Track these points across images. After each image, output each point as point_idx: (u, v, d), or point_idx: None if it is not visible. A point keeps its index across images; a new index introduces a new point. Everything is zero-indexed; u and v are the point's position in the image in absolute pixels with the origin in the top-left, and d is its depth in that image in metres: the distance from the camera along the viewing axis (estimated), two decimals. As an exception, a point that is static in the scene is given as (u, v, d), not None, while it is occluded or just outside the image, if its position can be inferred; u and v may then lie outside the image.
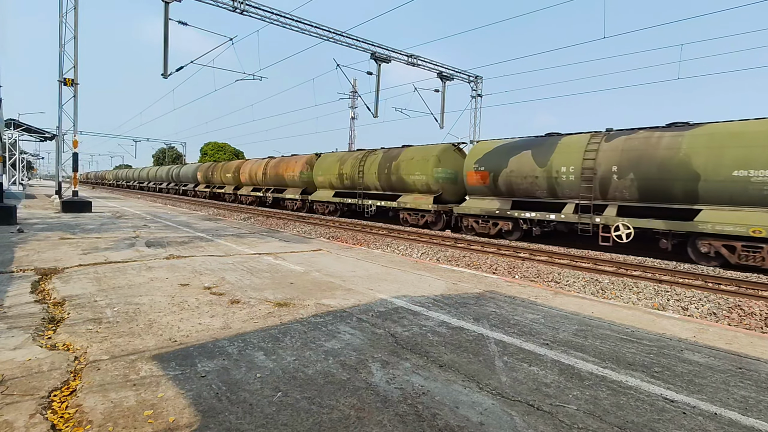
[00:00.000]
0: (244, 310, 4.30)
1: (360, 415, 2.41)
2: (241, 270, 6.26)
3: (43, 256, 6.67)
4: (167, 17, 15.86)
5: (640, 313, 4.89)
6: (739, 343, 3.90)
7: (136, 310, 4.16)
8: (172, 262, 6.64)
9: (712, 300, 6.99)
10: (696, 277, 8.40)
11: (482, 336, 3.80)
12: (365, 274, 6.39)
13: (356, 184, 19.18)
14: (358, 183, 19.02)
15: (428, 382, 2.85)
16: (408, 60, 23.02)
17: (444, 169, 15.91)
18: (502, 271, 9.16)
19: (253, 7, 18.11)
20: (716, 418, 2.53)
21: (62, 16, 15.18)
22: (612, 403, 2.67)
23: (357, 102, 37.83)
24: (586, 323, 4.32)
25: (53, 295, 4.59)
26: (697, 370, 3.24)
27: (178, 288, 5.09)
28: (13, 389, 2.53)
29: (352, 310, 4.47)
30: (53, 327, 3.63)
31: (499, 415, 2.48)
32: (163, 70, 16.44)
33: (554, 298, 5.34)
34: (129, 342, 3.35)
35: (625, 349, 3.62)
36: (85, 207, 15.26)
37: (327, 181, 20.78)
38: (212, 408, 2.42)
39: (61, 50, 15.17)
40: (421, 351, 3.40)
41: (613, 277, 8.44)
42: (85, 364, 2.92)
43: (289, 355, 3.22)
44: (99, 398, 2.48)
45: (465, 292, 5.50)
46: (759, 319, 6.19)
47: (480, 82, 26.58)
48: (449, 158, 16.15)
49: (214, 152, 61.93)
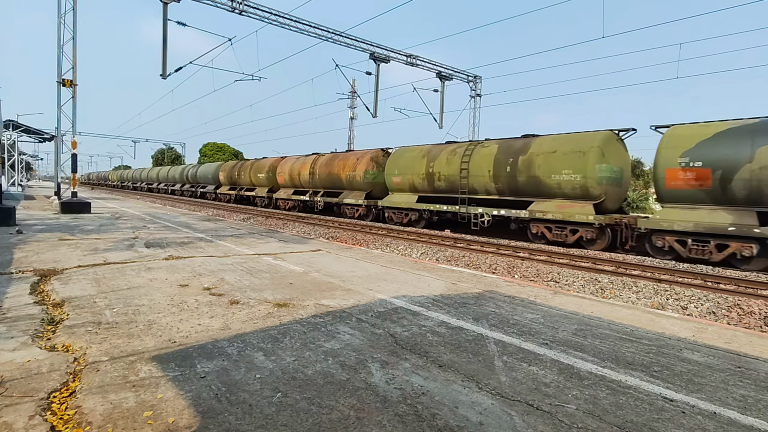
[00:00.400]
0: (244, 311, 4.30)
1: (359, 416, 2.41)
2: (240, 271, 6.26)
3: (42, 258, 6.67)
4: (166, 18, 15.87)
5: (640, 312, 4.90)
6: (738, 342, 3.90)
7: (136, 311, 4.16)
8: (171, 263, 6.64)
9: (712, 299, 7.00)
10: (695, 277, 8.41)
11: (482, 336, 3.80)
12: (365, 274, 6.39)
13: (456, 186, 15.30)
14: (460, 185, 15.09)
15: (428, 382, 2.85)
16: (407, 60, 23.03)
17: (609, 166, 11.91)
18: (501, 270, 9.17)
19: (251, 8, 18.11)
20: (715, 417, 2.54)
21: (61, 16, 15.16)
22: (611, 402, 2.67)
23: (356, 102, 37.84)
24: (586, 323, 4.32)
25: (52, 297, 4.59)
26: (697, 369, 3.24)
27: (178, 289, 5.09)
28: (12, 390, 2.53)
29: (351, 310, 4.47)
30: (52, 328, 3.63)
31: (499, 414, 2.48)
32: (162, 71, 16.44)
33: (553, 298, 5.34)
34: (128, 343, 3.35)
35: (625, 348, 3.63)
36: (84, 208, 15.24)
37: (407, 182, 16.90)
38: (212, 409, 2.42)
39: (59, 51, 15.16)
40: (420, 351, 3.41)
41: (613, 277, 8.44)
42: (85, 366, 2.91)
43: (289, 355, 3.22)
44: (98, 399, 2.47)
45: (464, 291, 5.50)
46: (758, 318, 6.20)
47: (479, 81, 26.60)
48: (614, 151, 12.21)
49: (213, 153, 61.87)
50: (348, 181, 19.93)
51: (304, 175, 22.32)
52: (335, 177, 20.46)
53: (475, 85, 26.61)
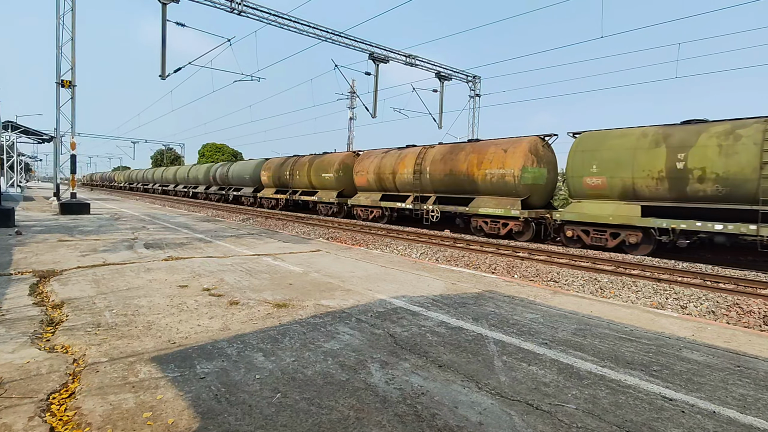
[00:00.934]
0: (243, 312, 4.29)
1: (359, 416, 2.41)
2: (239, 271, 6.26)
3: (42, 259, 6.66)
4: (165, 18, 15.85)
5: (639, 311, 4.90)
6: (737, 342, 3.91)
7: (135, 312, 4.16)
8: (170, 264, 6.63)
9: (711, 298, 7.00)
10: (695, 276, 8.42)
11: (481, 336, 3.81)
12: (364, 274, 6.39)
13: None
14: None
15: (427, 382, 2.85)
16: (406, 60, 23.04)
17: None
18: (501, 270, 9.17)
19: (250, 8, 18.10)
20: (715, 416, 2.54)
21: (59, 17, 15.15)
22: (611, 402, 2.67)
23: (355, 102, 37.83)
24: (585, 322, 4.32)
25: (52, 298, 4.58)
26: (696, 368, 3.24)
27: (177, 289, 5.09)
28: (11, 392, 2.53)
29: (351, 310, 4.47)
30: (52, 329, 3.62)
31: (498, 414, 2.48)
32: (161, 71, 16.43)
33: (553, 298, 5.35)
34: (128, 344, 3.35)
35: (624, 347, 3.63)
36: (83, 209, 15.23)
37: (619, 183, 11.45)
38: (211, 409, 2.42)
39: (58, 52, 15.15)
40: (420, 351, 3.41)
41: (612, 276, 8.45)
42: (84, 367, 2.91)
43: (288, 356, 3.22)
44: (98, 400, 2.47)
45: (464, 292, 5.51)
46: (757, 317, 6.21)
47: (478, 81, 26.61)
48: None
49: (212, 153, 61.85)
50: (488, 181, 14.30)
51: (405, 174, 16.88)
52: (463, 175, 14.87)
53: (474, 85, 26.63)
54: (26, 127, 33.38)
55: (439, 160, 15.74)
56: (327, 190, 21.84)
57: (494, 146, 14.34)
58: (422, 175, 16.39)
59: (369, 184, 19.01)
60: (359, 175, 19.40)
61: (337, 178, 20.96)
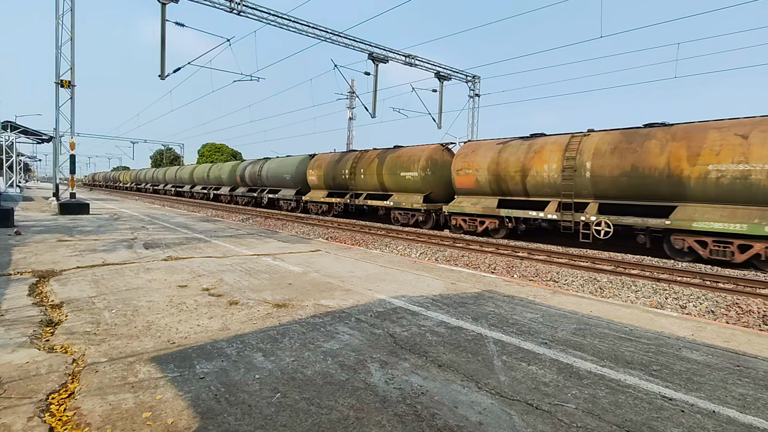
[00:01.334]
0: (243, 312, 4.29)
1: (359, 416, 2.41)
2: (239, 271, 6.25)
3: (41, 259, 6.66)
4: (164, 18, 15.83)
5: (639, 311, 4.90)
6: (737, 341, 3.91)
7: (135, 312, 4.15)
8: (170, 264, 6.63)
9: (710, 298, 7.01)
10: (694, 276, 8.43)
11: (481, 335, 3.81)
12: (364, 274, 6.39)
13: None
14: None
15: (427, 382, 2.85)
16: (405, 60, 23.03)
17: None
18: (500, 270, 9.17)
19: (249, 8, 18.09)
20: (714, 416, 2.54)
21: (59, 18, 15.14)
22: (610, 401, 2.67)
23: (355, 102, 37.84)
24: (585, 322, 4.32)
25: (51, 298, 4.58)
26: (696, 368, 3.25)
27: (177, 289, 5.08)
28: (11, 392, 2.52)
29: (350, 310, 4.47)
30: (51, 330, 3.62)
31: (498, 414, 2.48)
32: (160, 72, 16.40)
33: (553, 297, 5.35)
34: (127, 344, 3.34)
35: (624, 347, 3.63)
36: (82, 209, 15.22)
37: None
38: (211, 409, 2.42)
39: (57, 52, 15.14)
40: (419, 351, 3.41)
41: (612, 276, 8.45)
42: (84, 367, 2.91)
43: (288, 356, 3.22)
44: (97, 401, 2.47)
45: (463, 291, 5.51)
46: (757, 316, 6.21)
47: (478, 81, 26.60)
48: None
49: (212, 153, 61.82)
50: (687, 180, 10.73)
51: (550, 171, 12.82)
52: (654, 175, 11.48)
53: (473, 85, 26.62)
54: (25, 127, 33.37)
55: (608, 152, 11.54)
56: (407, 193, 17.25)
57: (718, 131, 9.96)
58: (579, 174, 12.18)
59: (479, 186, 14.93)
60: (462, 173, 15.21)
61: (424, 177, 16.40)
